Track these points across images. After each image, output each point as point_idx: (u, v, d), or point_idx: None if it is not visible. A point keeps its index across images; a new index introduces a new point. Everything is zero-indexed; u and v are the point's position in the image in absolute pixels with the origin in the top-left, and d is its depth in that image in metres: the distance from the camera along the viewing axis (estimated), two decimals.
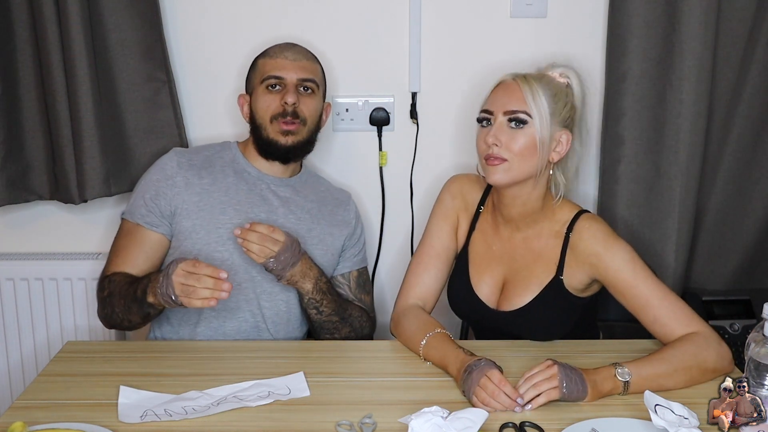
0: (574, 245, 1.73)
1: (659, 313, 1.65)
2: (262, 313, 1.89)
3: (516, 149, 1.68)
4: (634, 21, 2.09)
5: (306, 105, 1.90)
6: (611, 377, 1.52)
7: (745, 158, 2.20)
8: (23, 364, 2.32)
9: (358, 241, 2.04)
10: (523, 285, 1.76)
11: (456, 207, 1.89)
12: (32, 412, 1.46)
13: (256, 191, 1.93)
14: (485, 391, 1.47)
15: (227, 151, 1.98)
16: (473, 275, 1.83)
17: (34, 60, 2.09)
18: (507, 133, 1.69)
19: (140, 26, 2.10)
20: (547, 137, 1.69)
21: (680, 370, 1.56)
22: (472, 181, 1.91)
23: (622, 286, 1.67)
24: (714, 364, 1.59)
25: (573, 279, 1.74)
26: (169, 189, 1.88)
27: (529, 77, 1.72)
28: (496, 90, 1.75)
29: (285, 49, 1.93)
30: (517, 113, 1.68)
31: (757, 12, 2.11)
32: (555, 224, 1.77)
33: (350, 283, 2.01)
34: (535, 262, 1.77)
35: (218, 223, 1.87)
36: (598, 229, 1.73)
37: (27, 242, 2.32)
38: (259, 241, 1.74)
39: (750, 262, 2.28)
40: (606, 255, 1.69)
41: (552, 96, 1.70)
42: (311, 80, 1.91)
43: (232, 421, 1.45)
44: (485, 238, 1.85)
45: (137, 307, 1.76)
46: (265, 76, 1.90)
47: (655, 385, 1.51)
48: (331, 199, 2.03)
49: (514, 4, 2.19)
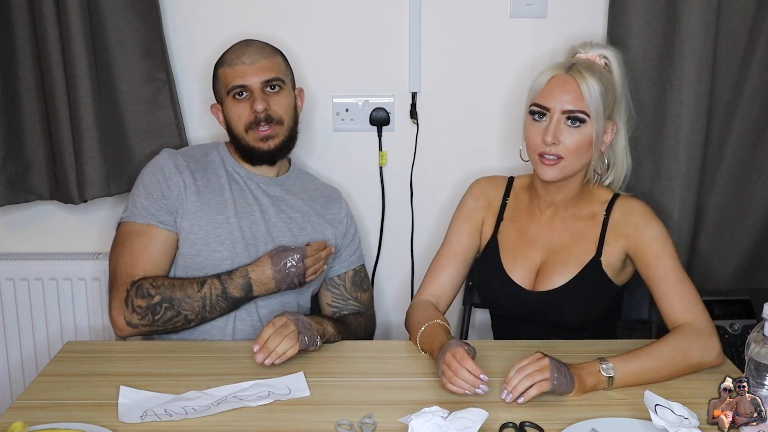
0: (613, 222, 1.79)
1: (670, 291, 1.69)
2: (258, 311, 1.89)
3: (573, 148, 1.72)
4: (634, 21, 2.09)
5: (277, 104, 1.88)
6: (596, 372, 1.54)
7: (745, 158, 2.20)
8: (23, 364, 2.32)
9: (352, 241, 2.04)
10: (562, 264, 1.79)
11: (479, 208, 1.92)
12: (32, 412, 1.46)
13: (247, 191, 1.93)
14: (450, 369, 1.49)
15: (216, 152, 1.98)
16: (506, 261, 1.85)
17: (34, 60, 2.08)
18: (564, 131, 1.72)
19: (140, 26, 2.10)
20: (601, 133, 1.74)
21: (667, 365, 1.59)
22: (492, 180, 1.95)
23: (649, 256, 1.72)
24: (700, 358, 1.62)
25: (611, 256, 1.78)
26: (171, 189, 1.88)
27: (584, 72, 1.72)
28: (551, 83, 1.74)
29: (241, 53, 1.88)
30: (577, 113, 1.71)
31: (757, 12, 2.11)
32: (594, 205, 1.82)
33: (345, 283, 2.02)
34: (574, 242, 1.80)
35: (216, 223, 1.87)
36: (638, 204, 1.80)
37: (27, 242, 2.32)
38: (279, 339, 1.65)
39: (750, 262, 2.28)
40: (643, 226, 1.75)
41: (604, 91, 1.73)
42: (275, 79, 1.88)
43: (232, 421, 1.45)
44: (517, 225, 1.87)
45: (227, 304, 1.80)
46: (229, 87, 1.87)
47: (640, 381, 1.55)
48: (322, 197, 2.02)
49: (514, 4, 2.19)
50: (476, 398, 1.50)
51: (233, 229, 1.88)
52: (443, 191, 2.29)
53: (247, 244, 1.88)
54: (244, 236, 1.88)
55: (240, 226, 1.89)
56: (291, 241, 1.91)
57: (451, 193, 2.28)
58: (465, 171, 2.28)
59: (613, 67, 1.79)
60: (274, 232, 1.91)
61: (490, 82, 2.24)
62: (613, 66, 1.79)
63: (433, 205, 2.31)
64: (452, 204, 2.25)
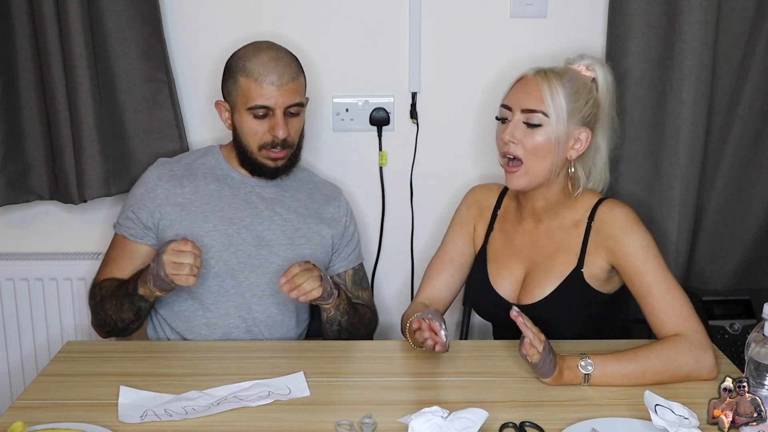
0: (595, 231, 1.74)
1: (657, 306, 1.64)
2: (252, 317, 1.89)
3: (531, 148, 1.70)
4: (634, 21, 2.09)
5: (294, 128, 1.87)
6: (574, 367, 1.56)
7: (745, 158, 2.20)
8: (23, 364, 2.32)
9: (351, 239, 2.03)
10: (544, 277, 1.77)
11: (471, 215, 1.93)
12: (32, 412, 1.46)
13: (240, 195, 1.92)
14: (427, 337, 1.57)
15: (209, 156, 1.97)
16: (492, 271, 1.85)
17: (34, 60, 2.09)
18: (523, 130, 1.71)
19: (140, 26, 2.10)
20: (563, 136, 1.70)
21: (648, 373, 1.56)
22: (488, 188, 1.96)
23: (632, 271, 1.68)
24: (689, 371, 1.57)
25: (593, 267, 1.74)
26: (150, 201, 1.89)
27: (550, 73, 1.71)
28: (516, 85, 1.75)
29: (269, 70, 1.81)
30: (534, 112, 1.69)
31: (757, 12, 2.11)
32: (576, 213, 1.78)
33: (346, 282, 2.01)
34: (557, 252, 1.78)
35: (201, 231, 1.87)
36: (619, 212, 1.73)
37: (27, 242, 2.32)
38: (305, 278, 1.68)
39: (750, 262, 2.28)
40: (622, 238, 1.69)
41: (572, 94, 1.70)
42: (298, 104, 1.86)
43: (232, 421, 1.45)
44: (505, 236, 1.87)
45: (128, 303, 1.78)
46: (252, 105, 1.82)
47: (619, 383, 1.56)
48: (320, 195, 2.02)
49: (514, 4, 2.19)
50: (476, 398, 1.50)
51: (221, 236, 1.88)
52: (443, 191, 2.29)
53: (236, 250, 1.88)
54: (232, 243, 1.88)
55: (228, 233, 1.88)
56: (286, 244, 1.91)
57: (451, 193, 2.28)
58: (465, 171, 2.28)
59: (599, 81, 1.76)
60: (267, 235, 1.91)
61: (490, 82, 2.24)
62: (599, 79, 1.76)
63: (433, 205, 2.31)
64: (452, 204, 2.25)
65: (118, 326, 1.84)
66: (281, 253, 1.90)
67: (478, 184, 2.00)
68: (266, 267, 1.89)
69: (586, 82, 1.74)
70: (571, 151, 1.73)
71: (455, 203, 1.98)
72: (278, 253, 1.90)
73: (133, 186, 1.96)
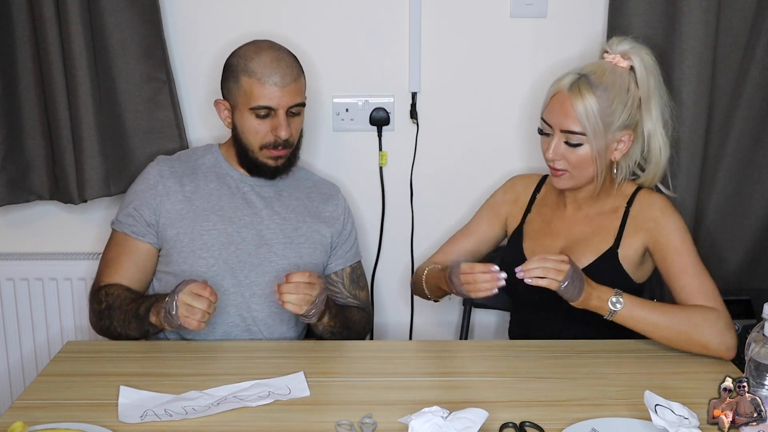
0: (633, 216, 1.82)
1: (690, 283, 1.72)
2: (252, 316, 1.89)
3: (575, 163, 1.79)
4: (634, 21, 2.09)
5: (295, 128, 1.88)
6: (605, 300, 1.64)
7: (745, 158, 2.20)
8: (23, 364, 2.32)
9: (349, 237, 2.03)
10: (579, 253, 1.82)
11: (506, 201, 2.00)
12: (32, 412, 1.46)
13: (238, 195, 1.92)
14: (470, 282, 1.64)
15: (209, 155, 1.97)
16: (527, 248, 1.90)
17: (34, 60, 2.08)
18: (565, 148, 1.78)
19: (140, 26, 2.10)
20: (603, 148, 1.78)
21: (672, 328, 1.64)
22: (526, 177, 2.04)
23: (669, 249, 1.76)
24: (707, 341, 1.64)
25: (629, 249, 1.80)
26: (152, 198, 1.88)
27: (583, 89, 1.75)
28: (553, 101, 1.80)
29: (272, 71, 1.81)
30: (573, 134, 1.76)
31: (757, 12, 2.10)
32: (616, 200, 1.87)
33: (344, 280, 2.01)
34: (594, 234, 1.85)
35: (201, 230, 1.87)
36: (658, 198, 1.84)
37: (27, 242, 2.32)
38: (296, 291, 1.68)
39: (750, 262, 2.28)
40: (662, 219, 1.79)
41: (608, 106, 1.75)
42: (300, 104, 1.87)
43: (232, 421, 1.45)
44: (542, 218, 1.94)
45: (137, 324, 1.78)
46: (254, 105, 1.82)
47: (639, 329, 1.66)
48: (318, 194, 2.01)
49: (514, 4, 2.19)
50: (476, 398, 1.51)
51: (220, 235, 1.88)
52: (443, 191, 2.29)
53: (236, 249, 1.88)
54: (232, 242, 1.88)
55: (228, 232, 1.88)
56: (285, 243, 1.91)
57: (452, 192, 2.28)
58: (465, 171, 2.28)
59: (636, 69, 1.80)
60: (266, 234, 1.91)
61: (490, 82, 2.24)
62: (636, 66, 1.80)
63: (433, 205, 2.31)
64: (452, 203, 2.26)
65: (121, 337, 1.84)
66: (281, 252, 1.90)
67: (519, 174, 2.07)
68: (266, 266, 1.89)
69: (623, 80, 1.78)
70: (615, 153, 1.81)
71: (455, 203, 1.99)
72: (278, 252, 1.90)
73: (133, 183, 1.95)
